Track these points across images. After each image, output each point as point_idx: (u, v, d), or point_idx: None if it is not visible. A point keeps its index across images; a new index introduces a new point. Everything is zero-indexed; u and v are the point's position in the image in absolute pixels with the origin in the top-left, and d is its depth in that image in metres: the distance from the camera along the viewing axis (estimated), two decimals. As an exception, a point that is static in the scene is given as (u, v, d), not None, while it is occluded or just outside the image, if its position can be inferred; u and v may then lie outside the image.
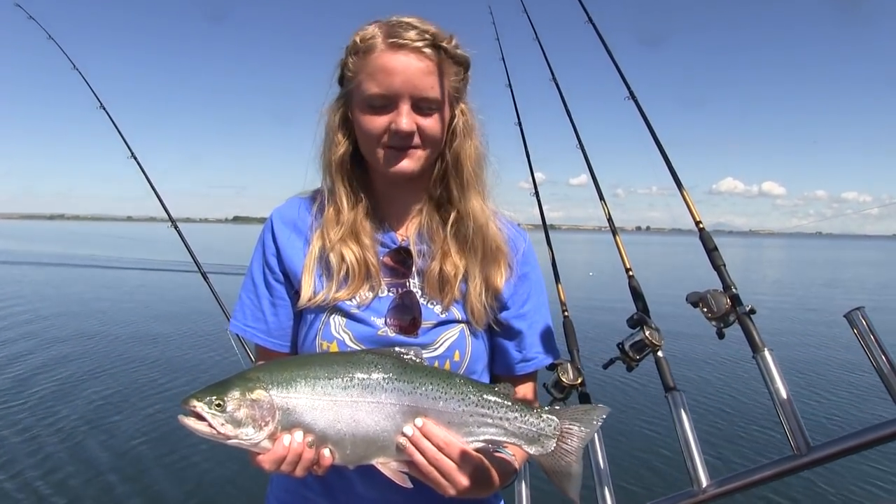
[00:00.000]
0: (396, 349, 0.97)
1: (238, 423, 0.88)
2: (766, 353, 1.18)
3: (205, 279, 2.22)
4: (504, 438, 0.95)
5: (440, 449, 0.90)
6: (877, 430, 1.03)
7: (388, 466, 0.93)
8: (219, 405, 0.88)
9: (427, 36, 1.03)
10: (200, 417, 0.89)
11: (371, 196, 1.14)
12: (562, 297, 1.71)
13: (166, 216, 2.37)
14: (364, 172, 1.14)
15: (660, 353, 1.36)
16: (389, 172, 1.08)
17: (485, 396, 0.94)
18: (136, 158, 2.33)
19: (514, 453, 1.05)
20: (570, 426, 0.97)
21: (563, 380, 1.37)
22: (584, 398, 1.41)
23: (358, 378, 0.92)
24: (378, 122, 1.04)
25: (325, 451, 0.90)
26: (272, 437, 0.89)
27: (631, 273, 1.54)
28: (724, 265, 1.33)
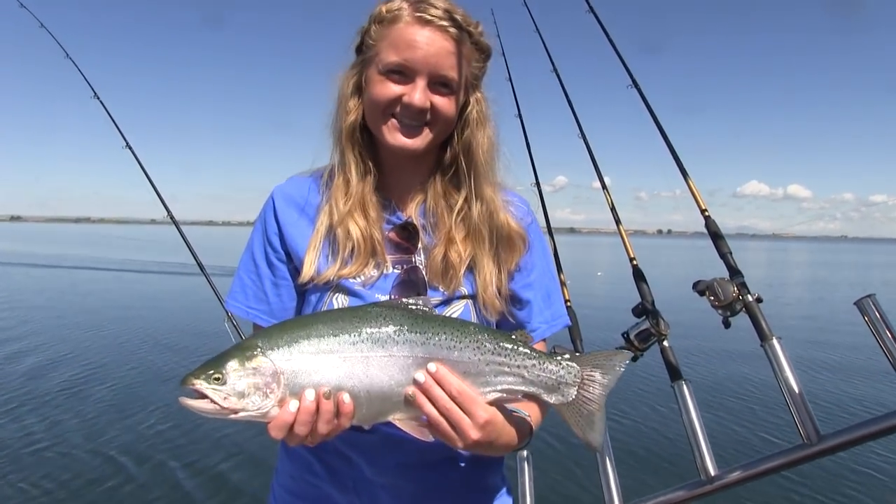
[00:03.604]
0: (404, 300, 0.92)
1: (242, 395, 0.83)
2: (775, 342, 1.16)
3: (201, 269, 2.19)
4: (522, 388, 0.90)
5: (453, 398, 0.85)
6: (889, 418, 1.01)
7: (406, 422, 0.88)
8: (217, 378, 0.83)
9: (454, 16, 1.01)
10: (202, 396, 0.84)
11: (378, 169, 1.11)
12: (564, 289, 1.69)
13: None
14: (373, 144, 1.11)
15: (665, 343, 1.34)
16: (392, 145, 1.06)
17: (501, 344, 0.90)
18: (130, 148, 2.31)
19: (530, 413, 1.02)
20: (592, 373, 0.93)
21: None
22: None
23: (367, 332, 0.86)
24: (391, 89, 1.02)
25: (345, 397, 0.84)
26: (282, 403, 0.84)
27: (635, 262, 1.52)
28: (731, 252, 1.31)
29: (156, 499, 4.19)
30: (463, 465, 1.09)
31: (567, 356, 0.93)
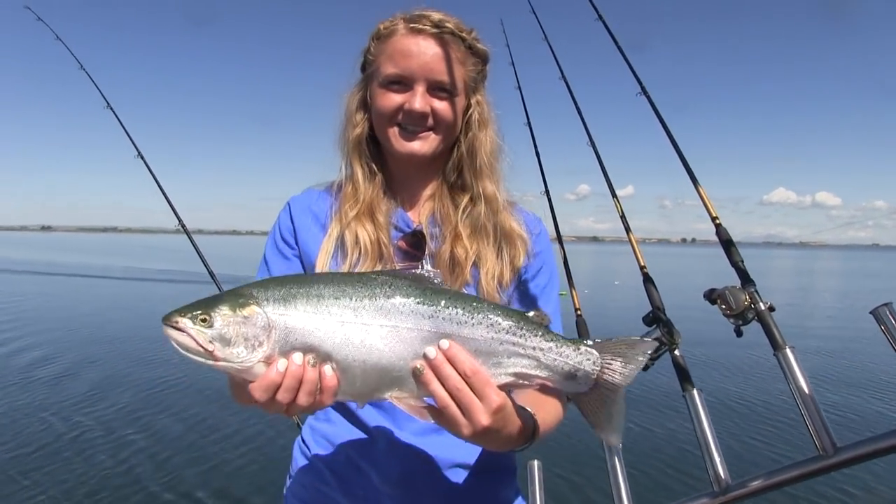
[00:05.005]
0: (413, 271, 0.85)
1: (227, 342, 0.76)
2: (788, 351, 1.14)
3: (212, 277, 2.21)
4: (537, 372, 0.83)
5: (466, 378, 0.77)
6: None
7: (404, 401, 0.80)
8: (204, 320, 0.76)
9: (447, 25, 1.07)
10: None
11: (386, 177, 1.16)
12: (575, 297, 1.69)
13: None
14: (380, 154, 1.17)
15: (676, 352, 1.33)
16: (399, 152, 1.10)
17: (517, 323, 0.82)
18: (142, 157, 2.33)
19: (540, 414, 0.93)
20: (612, 361, 0.84)
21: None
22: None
23: (370, 298, 0.79)
24: (393, 99, 1.07)
25: (327, 370, 0.77)
26: (268, 360, 0.77)
27: (646, 270, 1.51)
28: (742, 261, 1.30)
29: (169, 501, 4.22)
30: (471, 474, 1.08)
31: (587, 341, 0.85)
